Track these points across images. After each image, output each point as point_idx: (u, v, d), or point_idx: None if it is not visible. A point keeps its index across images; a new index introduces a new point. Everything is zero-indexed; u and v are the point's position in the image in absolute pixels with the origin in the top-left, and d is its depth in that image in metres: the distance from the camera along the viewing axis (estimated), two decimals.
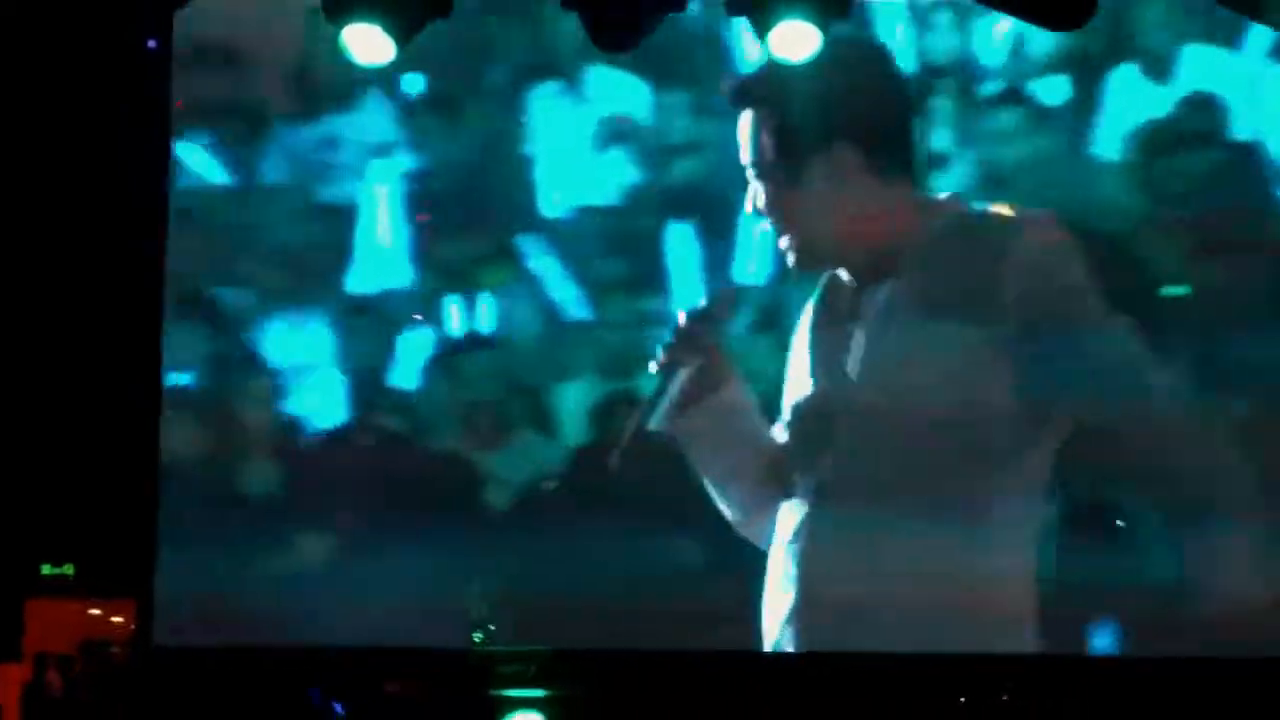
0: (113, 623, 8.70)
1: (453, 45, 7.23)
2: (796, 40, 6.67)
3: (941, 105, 7.30)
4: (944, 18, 7.30)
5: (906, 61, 7.28)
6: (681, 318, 6.43)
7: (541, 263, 7.20)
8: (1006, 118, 7.28)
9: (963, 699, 7.16)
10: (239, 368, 7.29)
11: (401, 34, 6.75)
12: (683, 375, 6.41)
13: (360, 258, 7.29)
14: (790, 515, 6.52)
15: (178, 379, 7.30)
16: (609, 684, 7.19)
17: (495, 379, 7.23)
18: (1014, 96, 7.29)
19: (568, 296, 7.16)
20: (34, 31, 7.37)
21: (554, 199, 7.29)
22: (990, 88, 7.31)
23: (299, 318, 7.27)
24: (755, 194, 6.46)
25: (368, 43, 6.76)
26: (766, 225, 6.52)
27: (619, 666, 7.16)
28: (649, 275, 7.17)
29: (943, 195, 6.69)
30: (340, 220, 7.31)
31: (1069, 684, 7.04)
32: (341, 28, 6.74)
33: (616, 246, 7.16)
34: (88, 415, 7.76)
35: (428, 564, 7.09)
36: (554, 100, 7.37)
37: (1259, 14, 7.08)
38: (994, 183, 7.23)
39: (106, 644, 8.22)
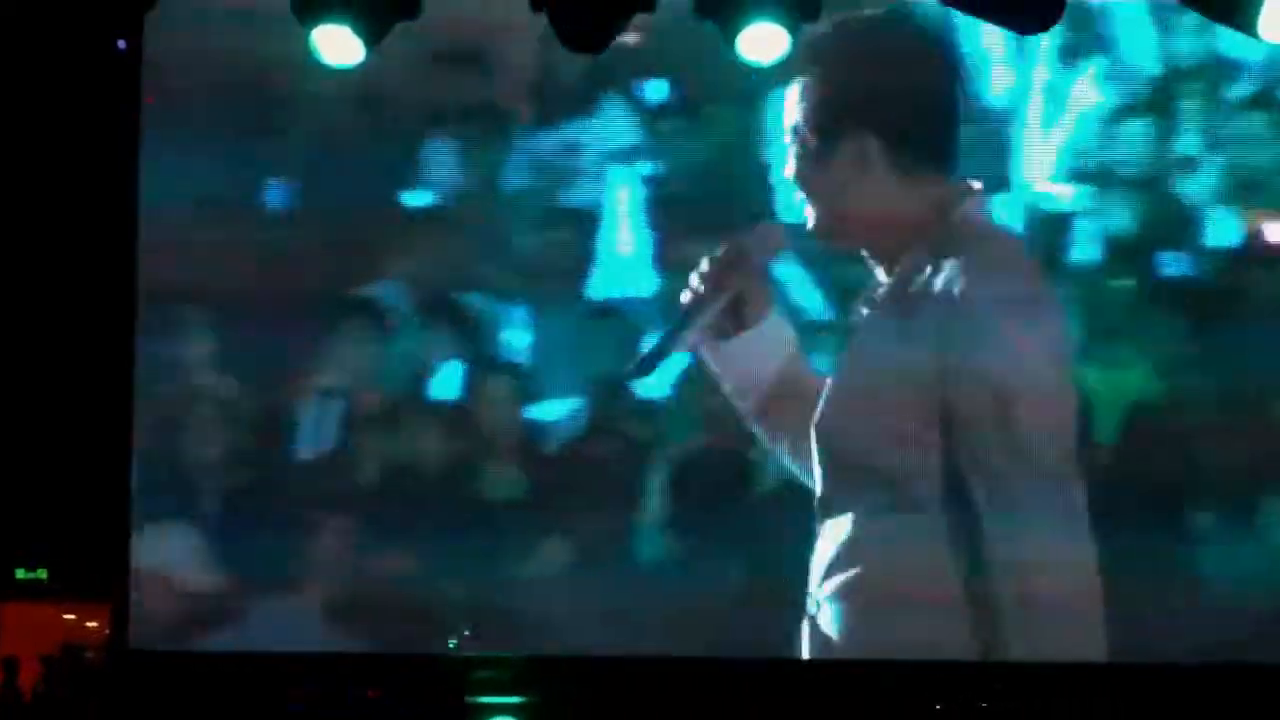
0: (87, 627, 8.76)
1: (693, 51, 7.22)
2: (765, 43, 6.69)
3: (1187, 108, 7.20)
4: (1189, 19, 7.19)
5: (1150, 63, 7.19)
6: (723, 248, 6.57)
7: (782, 267, 7.17)
8: (1257, 121, 7.17)
9: (938, 706, 7.14)
10: (483, 372, 7.32)
11: (370, 35, 6.76)
12: (718, 304, 6.52)
13: (601, 262, 7.32)
14: None
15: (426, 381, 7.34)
16: (583, 689, 7.19)
17: None
18: (1264, 100, 7.17)
19: (811, 300, 7.12)
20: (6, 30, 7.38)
21: (793, 203, 7.26)
22: (1239, 90, 7.19)
23: (541, 322, 7.31)
24: (788, 161, 6.66)
25: (337, 44, 6.76)
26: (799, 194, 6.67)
27: (592, 672, 7.20)
28: None
29: (975, 184, 6.65)
30: (581, 225, 7.35)
31: (1049, 691, 7.00)
32: (310, 29, 6.74)
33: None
34: (62, 421, 7.79)
35: (674, 571, 7.11)
36: None
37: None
38: (1244, 188, 7.14)
39: (82, 648, 8.28)
